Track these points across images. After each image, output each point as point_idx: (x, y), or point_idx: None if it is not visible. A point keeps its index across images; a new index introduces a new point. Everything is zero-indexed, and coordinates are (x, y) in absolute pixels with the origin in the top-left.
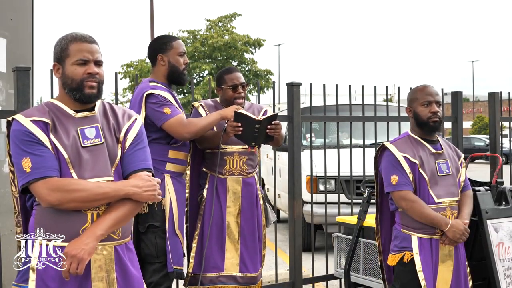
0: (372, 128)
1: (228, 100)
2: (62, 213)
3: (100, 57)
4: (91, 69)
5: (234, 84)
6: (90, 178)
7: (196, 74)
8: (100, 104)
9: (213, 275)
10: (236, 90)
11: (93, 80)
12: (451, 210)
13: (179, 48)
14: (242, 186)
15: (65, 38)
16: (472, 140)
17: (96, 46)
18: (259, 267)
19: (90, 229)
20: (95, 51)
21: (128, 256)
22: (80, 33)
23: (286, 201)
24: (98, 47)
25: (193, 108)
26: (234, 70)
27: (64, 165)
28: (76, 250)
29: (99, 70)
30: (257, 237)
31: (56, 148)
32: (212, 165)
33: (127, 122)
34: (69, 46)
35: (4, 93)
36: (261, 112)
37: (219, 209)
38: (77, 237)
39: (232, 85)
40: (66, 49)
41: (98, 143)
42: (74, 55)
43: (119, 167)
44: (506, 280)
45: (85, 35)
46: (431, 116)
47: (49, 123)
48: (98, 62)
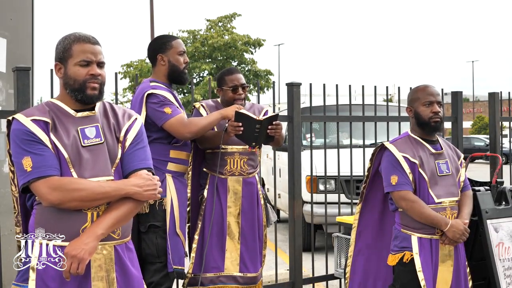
0: (372, 128)
1: (228, 101)
2: (62, 212)
3: (102, 59)
4: (94, 71)
5: (235, 85)
6: (90, 177)
7: (196, 74)
8: (100, 103)
9: (213, 275)
10: (236, 91)
11: (95, 81)
12: (451, 210)
13: (179, 47)
14: (243, 186)
15: (68, 38)
16: (472, 140)
17: (99, 47)
18: (260, 267)
19: (91, 229)
20: (98, 52)
21: (128, 256)
22: (84, 33)
23: (286, 201)
24: (101, 48)
25: (194, 109)
26: (235, 71)
27: (64, 165)
28: (76, 250)
29: (102, 71)
30: (257, 237)
31: (56, 147)
32: (212, 165)
33: (127, 121)
34: (72, 46)
35: (4, 93)
36: (261, 112)
37: (219, 209)
38: (77, 237)
39: (232, 86)
40: (69, 49)
41: (98, 142)
42: (77, 56)
43: (119, 167)
44: (506, 280)
45: (89, 36)
46: (433, 116)
47: (49, 123)
48: (100, 63)
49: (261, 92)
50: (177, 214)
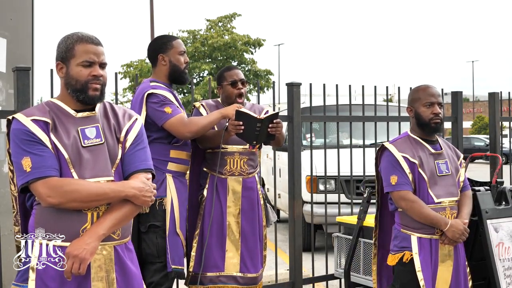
0: (372, 128)
1: (228, 97)
2: (62, 213)
3: (105, 59)
4: (96, 72)
5: (234, 80)
6: (90, 178)
7: (196, 74)
8: (100, 104)
9: (214, 275)
10: (235, 85)
11: (97, 82)
12: (451, 210)
13: (179, 47)
14: (243, 186)
15: (71, 37)
16: (472, 140)
17: (102, 48)
18: (260, 268)
19: (92, 229)
20: (100, 53)
21: (128, 256)
22: (86, 33)
23: (286, 201)
24: (103, 49)
25: (194, 108)
26: (234, 68)
27: (64, 165)
28: (78, 250)
29: (103, 72)
30: (258, 237)
31: (56, 147)
32: (212, 164)
33: (128, 122)
34: (75, 46)
35: (4, 93)
36: (262, 112)
37: (219, 209)
38: (79, 237)
39: (231, 81)
40: (72, 49)
41: (99, 143)
42: (80, 56)
43: (119, 167)
44: (506, 280)
45: (91, 36)
46: (433, 118)
47: (50, 123)
48: (102, 64)
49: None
50: (177, 214)
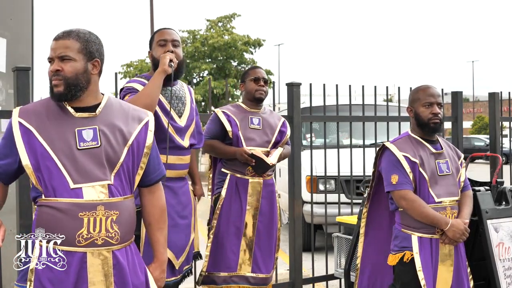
0: (372, 128)
1: (249, 92)
2: (61, 214)
3: (64, 52)
4: (52, 67)
5: (257, 77)
6: (84, 182)
7: (196, 74)
8: (106, 101)
9: (227, 275)
10: (258, 81)
11: (56, 78)
12: (451, 210)
13: (157, 38)
14: (263, 187)
15: None
16: (472, 140)
17: (64, 41)
18: (271, 269)
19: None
20: (59, 46)
21: (129, 260)
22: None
23: (286, 201)
24: (72, 41)
25: (214, 113)
26: (259, 67)
27: (55, 170)
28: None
29: (64, 65)
30: (272, 238)
31: (45, 153)
32: (233, 165)
33: (138, 125)
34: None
35: (4, 93)
36: (278, 124)
37: (239, 209)
38: (162, 263)
39: (254, 77)
40: None
41: (95, 146)
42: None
43: (121, 171)
44: (506, 280)
45: (59, 33)
46: (432, 118)
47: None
48: (62, 57)
49: None
50: None
